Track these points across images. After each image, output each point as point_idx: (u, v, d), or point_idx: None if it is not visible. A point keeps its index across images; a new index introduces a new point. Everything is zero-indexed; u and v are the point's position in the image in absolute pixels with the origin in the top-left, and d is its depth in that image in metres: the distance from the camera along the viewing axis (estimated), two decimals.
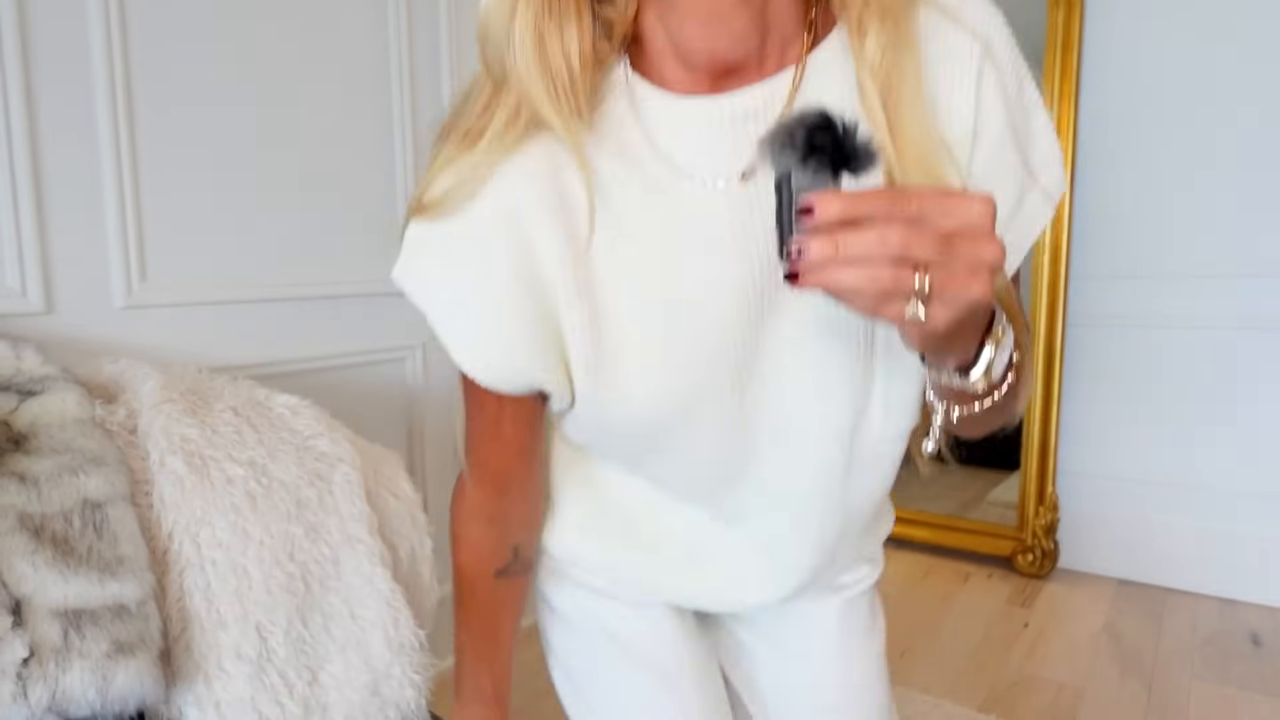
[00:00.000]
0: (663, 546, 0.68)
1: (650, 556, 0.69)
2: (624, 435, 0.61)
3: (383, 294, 1.72)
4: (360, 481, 1.07)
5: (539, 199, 0.55)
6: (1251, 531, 2.22)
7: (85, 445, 0.87)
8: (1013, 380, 0.49)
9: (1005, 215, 0.54)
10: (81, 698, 0.73)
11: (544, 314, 0.56)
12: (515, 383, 0.60)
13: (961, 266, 0.38)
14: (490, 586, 0.72)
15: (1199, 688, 1.77)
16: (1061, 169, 0.58)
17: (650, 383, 0.56)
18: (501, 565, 0.72)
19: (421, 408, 1.81)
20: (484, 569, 0.72)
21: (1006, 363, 0.48)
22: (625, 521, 0.68)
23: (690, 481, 0.63)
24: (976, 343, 0.46)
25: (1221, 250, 2.21)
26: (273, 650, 0.91)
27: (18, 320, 1.17)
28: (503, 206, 0.55)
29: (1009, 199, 0.55)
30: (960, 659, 1.91)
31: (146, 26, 1.30)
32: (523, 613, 0.76)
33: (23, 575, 0.75)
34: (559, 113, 0.52)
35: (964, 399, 0.50)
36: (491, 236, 0.55)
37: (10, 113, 1.16)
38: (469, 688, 0.76)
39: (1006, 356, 0.48)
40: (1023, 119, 0.54)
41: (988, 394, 0.49)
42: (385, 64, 1.69)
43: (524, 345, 0.57)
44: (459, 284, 0.57)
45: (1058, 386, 2.37)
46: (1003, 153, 0.54)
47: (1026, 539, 2.42)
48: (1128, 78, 2.28)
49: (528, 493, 0.71)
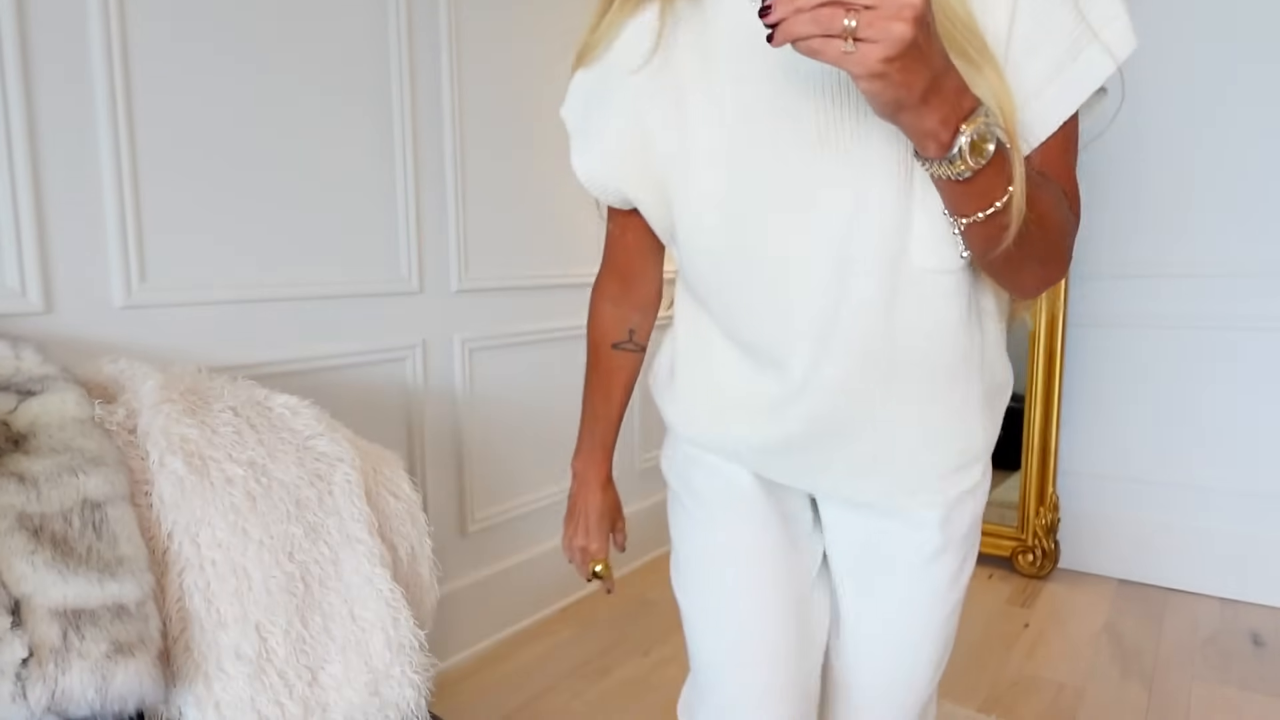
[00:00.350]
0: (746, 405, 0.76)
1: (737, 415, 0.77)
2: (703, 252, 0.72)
3: (383, 294, 1.72)
4: (360, 481, 1.06)
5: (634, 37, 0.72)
6: (1251, 531, 2.22)
7: (85, 445, 0.87)
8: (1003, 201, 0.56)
9: (1050, 67, 0.60)
10: (81, 698, 0.73)
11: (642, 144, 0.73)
12: (609, 191, 0.80)
13: (887, 9, 0.46)
14: (609, 355, 0.94)
15: (1199, 688, 1.77)
16: (1128, 26, 0.60)
17: (715, 183, 0.67)
18: (618, 339, 0.93)
19: (421, 408, 1.81)
20: (605, 340, 0.93)
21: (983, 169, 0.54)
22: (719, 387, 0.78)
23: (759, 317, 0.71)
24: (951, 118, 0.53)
25: (1221, 250, 2.21)
26: (272, 650, 0.91)
27: (17, 320, 1.17)
28: (612, 57, 0.74)
29: (1056, 50, 0.59)
30: (960, 659, 1.90)
31: (146, 27, 1.30)
32: (633, 388, 0.95)
33: (22, 575, 0.75)
34: None
35: (960, 200, 0.57)
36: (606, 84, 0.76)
37: (10, 113, 1.16)
38: (585, 436, 0.97)
39: (981, 164, 0.54)
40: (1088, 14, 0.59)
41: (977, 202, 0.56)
42: (385, 64, 1.69)
43: (616, 164, 0.77)
44: (585, 117, 0.80)
45: (1058, 386, 2.37)
46: (1044, 15, 0.59)
47: (1027, 539, 2.42)
48: (1128, 78, 2.27)
49: (644, 287, 0.91)
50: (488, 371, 1.99)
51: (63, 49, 1.21)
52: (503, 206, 2.01)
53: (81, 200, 1.24)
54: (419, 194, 1.78)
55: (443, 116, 1.83)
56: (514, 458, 2.09)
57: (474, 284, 1.93)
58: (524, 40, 2.04)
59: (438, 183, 1.83)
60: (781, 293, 0.68)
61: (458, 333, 1.89)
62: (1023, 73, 0.60)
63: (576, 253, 2.24)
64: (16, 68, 1.16)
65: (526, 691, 1.78)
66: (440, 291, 1.85)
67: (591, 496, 0.98)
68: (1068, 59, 0.60)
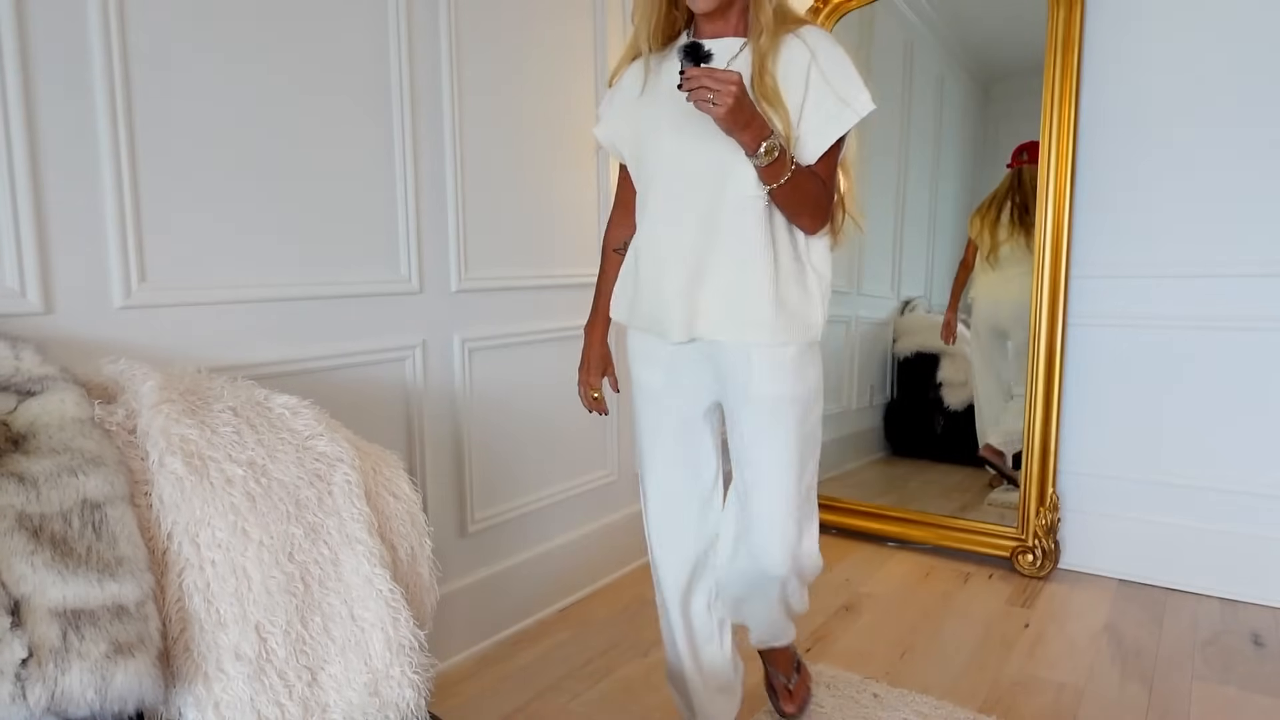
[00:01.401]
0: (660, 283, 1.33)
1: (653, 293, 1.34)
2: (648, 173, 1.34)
3: (383, 294, 1.72)
4: (360, 482, 1.06)
5: (633, 77, 1.37)
6: (1252, 531, 2.22)
7: (84, 445, 0.87)
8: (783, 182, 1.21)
9: (823, 119, 1.24)
10: (80, 698, 0.73)
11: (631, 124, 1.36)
12: (614, 150, 1.43)
13: (725, 90, 1.07)
14: (612, 256, 1.50)
15: (1200, 688, 1.77)
16: (866, 97, 1.24)
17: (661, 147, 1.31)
18: (617, 246, 1.49)
19: (421, 408, 1.81)
20: (611, 246, 1.51)
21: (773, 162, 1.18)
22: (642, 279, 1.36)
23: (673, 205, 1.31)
24: (755, 140, 1.16)
25: (1221, 250, 2.21)
26: (272, 651, 0.91)
27: (17, 320, 1.17)
28: (623, 83, 1.39)
29: (826, 110, 1.23)
30: (960, 659, 1.90)
31: (145, 27, 1.30)
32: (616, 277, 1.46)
33: (21, 576, 0.75)
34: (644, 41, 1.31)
35: (764, 175, 1.20)
36: (619, 96, 1.40)
37: (9, 113, 1.16)
38: (594, 310, 1.54)
39: (771, 159, 1.17)
40: (840, 82, 1.23)
41: (772, 177, 1.20)
42: (385, 65, 1.69)
43: (615, 131, 1.41)
44: (607, 110, 1.42)
45: (1058, 386, 2.37)
46: (821, 94, 1.23)
47: (1027, 539, 2.42)
48: (1128, 78, 2.28)
49: (630, 218, 1.43)
50: (488, 371, 1.99)
51: (63, 49, 1.21)
52: (503, 206, 2.01)
53: (81, 201, 1.24)
54: (419, 194, 1.78)
55: (443, 116, 1.82)
56: (514, 458, 2.09)
57: (474, 284, 1.93)
58: (524, 41, 2.04)
59: (438, 183, 1.83)
60: (682, 194, 1.29)
61: (458, 333, 1.89)
62: (807, 122, 1.24)
63: (576, 253, 2.24)
64: (16, 68, 1.16)
65: (526, 692, 1.78)
66: (440, 291, 1.85)
67: (593, 350, 1.54)
68: (830, 118, 1.24)
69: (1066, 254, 2.34)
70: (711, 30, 1.27)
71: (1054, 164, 2.32)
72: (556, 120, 2.16)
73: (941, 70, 2.79)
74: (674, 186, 1.29)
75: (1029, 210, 2.53)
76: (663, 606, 1.49)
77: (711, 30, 1.27)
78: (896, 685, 1.78)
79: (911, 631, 2.05)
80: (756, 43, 1.22)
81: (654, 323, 1.33)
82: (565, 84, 2.18)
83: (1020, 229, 2.62)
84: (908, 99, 2.81)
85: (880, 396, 3.06)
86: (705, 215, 1.26)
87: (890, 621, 2.12)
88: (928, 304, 2.86)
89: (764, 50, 1.21)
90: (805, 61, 1.22)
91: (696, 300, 1.28)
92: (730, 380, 1.32)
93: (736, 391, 1.32)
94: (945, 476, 2.82)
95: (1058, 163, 2.32)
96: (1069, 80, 2.29)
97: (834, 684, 1.77)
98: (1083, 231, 2.37)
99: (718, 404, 1.41)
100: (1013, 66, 2.65)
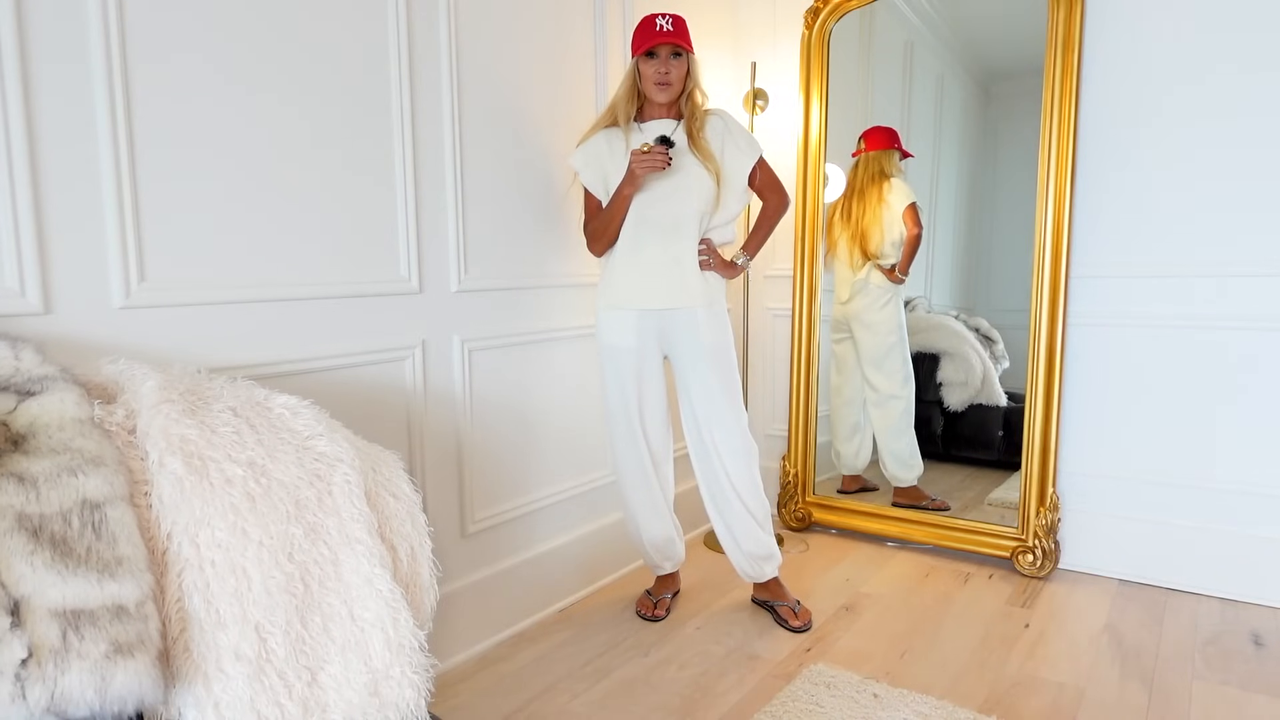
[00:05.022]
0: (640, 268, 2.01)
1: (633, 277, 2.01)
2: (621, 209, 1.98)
3: (382, 294, 1.72)
4: (360, 482, 1.06)
5: (606, 140, 2.03)
6: (1251, 531, 2.21)
7: (84, 445, 0.87)
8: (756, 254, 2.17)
9: (739, 155, 2.01)
10: (80, 698, 0.73)
11: (601, 169, 2.02)
12: (591, 182, 2.04)
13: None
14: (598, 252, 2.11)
15: (1200, 688, 1.77)
16: (756, 148, 2.04)
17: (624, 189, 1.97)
18: (598, 252, 2.09)
19: (421, 408, 1.81)
20: (594, 255, 2.12)
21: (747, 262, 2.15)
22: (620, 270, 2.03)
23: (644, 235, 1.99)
24: (735, 272, 2.10)
25: (1221, 250, 2.20)
26: (272, 651, 0.91)
27: (17, 320, 1.17)
28: (594, 142, 2.04)
29: (742, 160, 2.01)
30: (960, 659, 1.90)
31: (145, 28, 1.30)
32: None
33: (21, 576, 0.75)
34: (621, 117, 2.03)
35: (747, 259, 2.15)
36: (591, 150, 2.03)
37: (9, 113, 1.16)
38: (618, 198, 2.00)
39: (748, 265, 2.16)
40: (743, 142, 2.02)
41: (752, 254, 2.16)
42: (385, 67, 1.69)
43: (588, 171, 2.03)
44: (582, 155, 2.04)
45: (1058, 386, 2.37)
46: (735, 150, 2.01)
47: (1027, 539, 2.42)
48: (1128, 78, 2.28)
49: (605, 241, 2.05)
50: (488, 371, 1.99)
51: (62, 49, 1.21)
52: (503, 206, 2.01)
53: (81, 201, 1.24)
54: (419, 194, 1.78)
55: (443, 116, 1.83)
56: (514, 458, 2.09)
57: (474, 284, 1.93)
58: (524, 42, 2.04)
59: (438, 183, 1.83)
60: (643, 223, 1.98)
61: (457, 333, 1.89)
62: (733, 161, 2.00)
63: (576, 253, 2.24)
64: (16, 68, 1.16)
65: (526, 692, 1.78)
66: (440, 292, 1.85)
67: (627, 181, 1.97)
68: (743, 153, 2.02)
69: (1066, 254, 2.34)
70: (657, 113, 2.00)
71: (1054, 164, 2.32)
72: (556, 120, 2.16)
73: (941, 70, 2.79)
74: (639, 218, 1.98)
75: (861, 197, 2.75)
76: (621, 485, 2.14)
77: (657, 113, 2.00)
78: (896, 685, 1.78)
79: (911, 631, 2.05)
80: (691, 122, 1.98)
81: (629, 300, 2.00)
82: (565, 84, 2.18)
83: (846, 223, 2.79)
84: (908, 99, 2.81)
85: None
86: (660, 236, 1.98)
87: (890, 621, 2.12)
88: (928, 304, 2.85)
89: (699, 125, 1.98)
90: (721, 129, 2.01)
91: (659, 285, 1.99)
92: (684, 334, 2.01)
93: (690, 340, 2.01)
94: (945, 476, 2.82)
95: (1058, 163, 2.32)
96: (1069, 80, 2.29)
97: (834, 684, 1.77)
98: (1082, 231, 2.37)
99: (664, 356, 2.08)
100: (1013, 66, 2.65)
